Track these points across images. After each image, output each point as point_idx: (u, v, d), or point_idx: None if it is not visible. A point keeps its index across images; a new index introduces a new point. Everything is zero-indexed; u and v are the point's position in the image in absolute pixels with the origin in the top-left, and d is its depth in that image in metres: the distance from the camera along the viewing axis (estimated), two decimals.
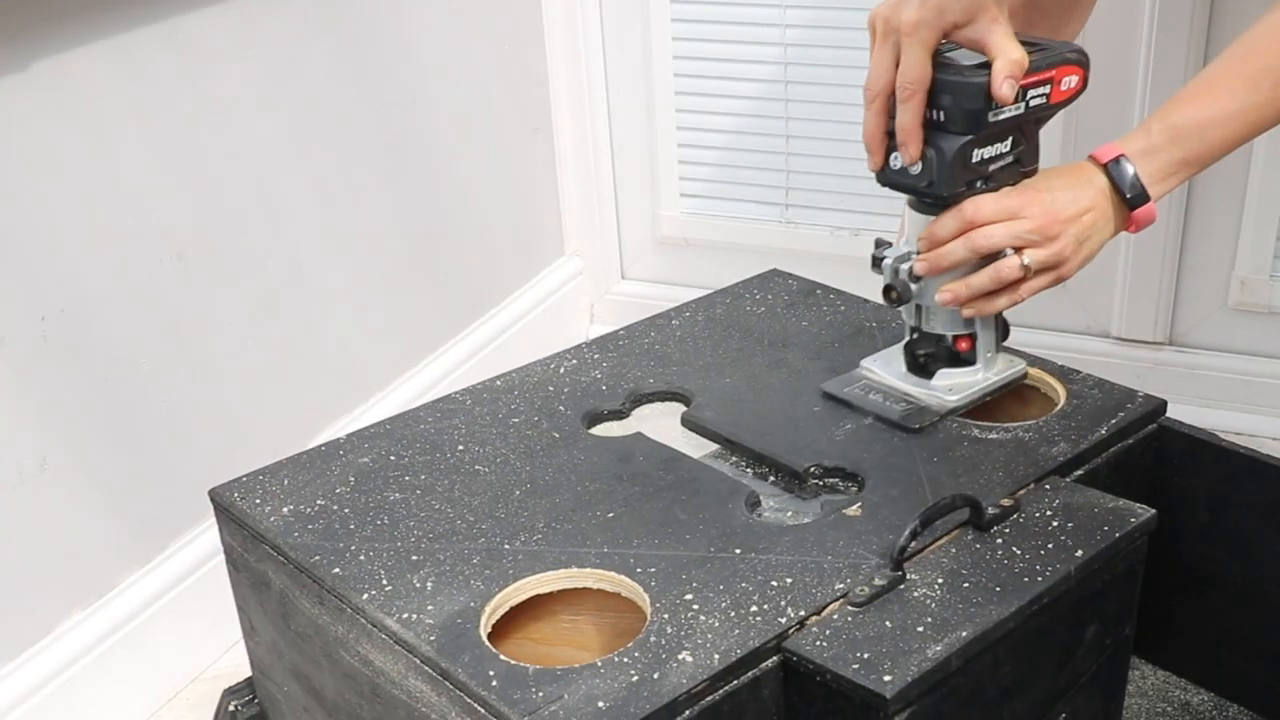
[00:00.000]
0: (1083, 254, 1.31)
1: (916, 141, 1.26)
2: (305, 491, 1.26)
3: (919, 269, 1.31)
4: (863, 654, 1.01)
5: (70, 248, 1.54)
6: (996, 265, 1.28)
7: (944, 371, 1.37)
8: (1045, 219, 1.27)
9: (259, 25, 1.77)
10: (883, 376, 1.40)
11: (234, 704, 1.37)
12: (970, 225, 1.27)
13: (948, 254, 1.29)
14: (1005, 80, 1.23)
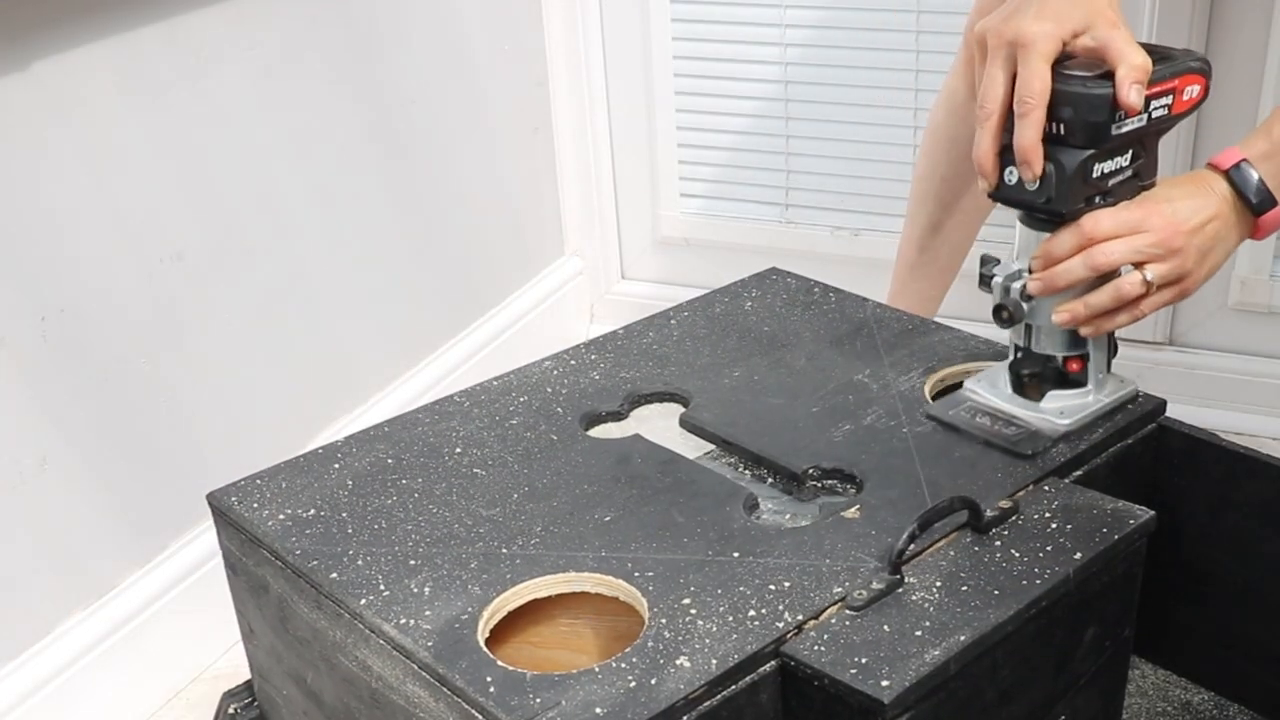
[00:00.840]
0: (1207, 266, 1.27)
1: (1038, 158, 1.20)
2: (303, 495, 1.26)
3: (1033, 288, 1.26)
4: (861, 659, 1.01)
5: (70, 248, 1.54)
6: (1117, 283, 1.24)
7: (1054, 393, 1.32)
8: (1167, 231, 1.23)
9: (259, 25, 1.77)
10: (988, 399, 1.35)
11: (233, 707, 1.37)
12: (1089, 241, 1.23)
13: (1065, 272, 1.24)
14: (1132, 87, 1.17)
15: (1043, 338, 1.31)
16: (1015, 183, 1.23)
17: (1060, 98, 1.19)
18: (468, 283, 2.29)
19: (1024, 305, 1.28)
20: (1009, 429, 1.30)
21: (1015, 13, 1.21)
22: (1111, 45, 1.19)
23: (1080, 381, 1.32)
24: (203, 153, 1.71)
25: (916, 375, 1.41)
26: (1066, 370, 1.32)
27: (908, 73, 2.22)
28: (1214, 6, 1.95)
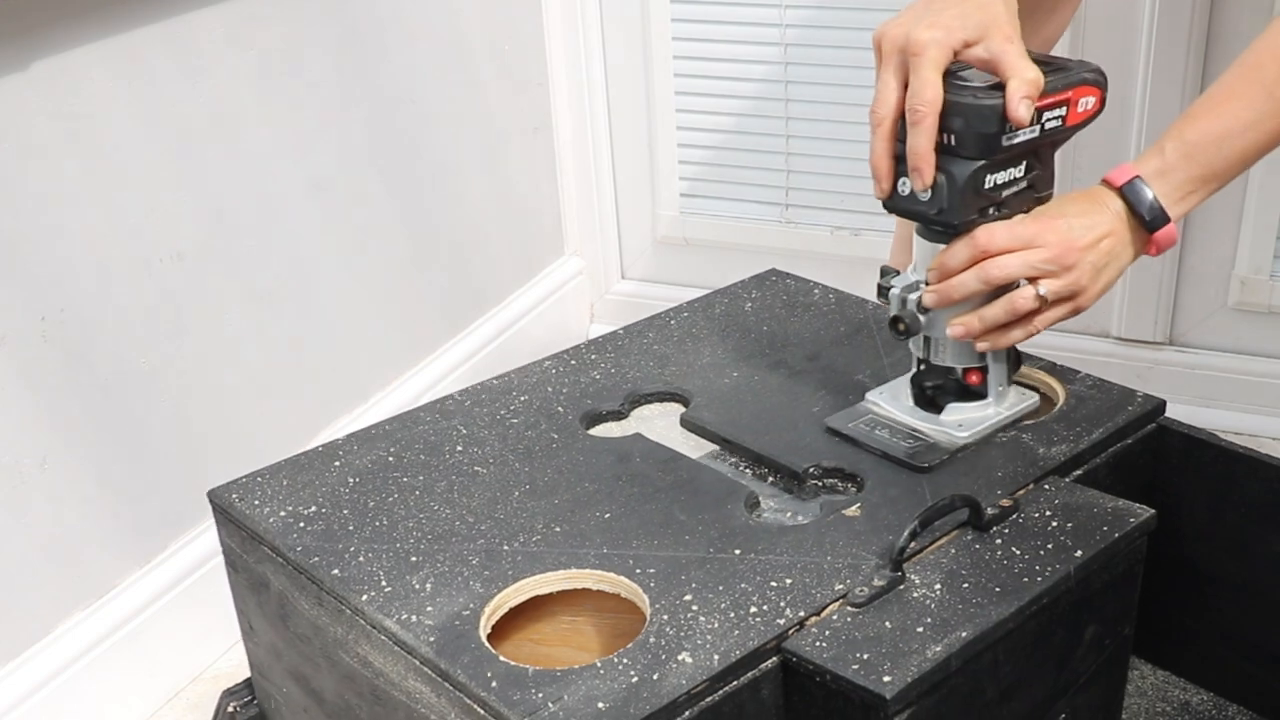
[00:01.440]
0: (1101, 282, 1.26)
1: (929, 166, 1.19)
2: (304, 493, 1.26)
3: (928, 301, 1.26)
4: (862, 655, 1.01)
5: (70, 248, 1.54)
6: (1011, 297, 1.23)
7: (953, 406, 1.31)
8: (1061, 247, 1.22)
9: (259, 25, 1.77)
10: (889, 410, 1.34)
11: (233, 705, 1.37)
12: (983, 255, 1.22)
13: (959, 285, 1.23)
14: (1021, 101, 1.17)
15: (942, 350, 1.30)
16: (909, 193, 1.22)
17: (951, 108, 1.18)
18: (468, 282, 2.29)
19: (920, 317, 1.27)
20: (906, 442, 1.29)
21: (910, 19, 1.21)
22: (1004, 58, 1.18)
23: (980, 394, 1.32)
24: (202, 153, 1.71)
25: None
26: (966, 383, 1.31)
27: None
28: (1214, 6, 1.95)
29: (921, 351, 1.32)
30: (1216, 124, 1.26)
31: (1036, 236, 1.22)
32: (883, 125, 1.21)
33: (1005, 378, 1.33)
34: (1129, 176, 1.26)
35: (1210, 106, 1.28)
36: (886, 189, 1.24)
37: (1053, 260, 1.22)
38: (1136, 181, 1.25)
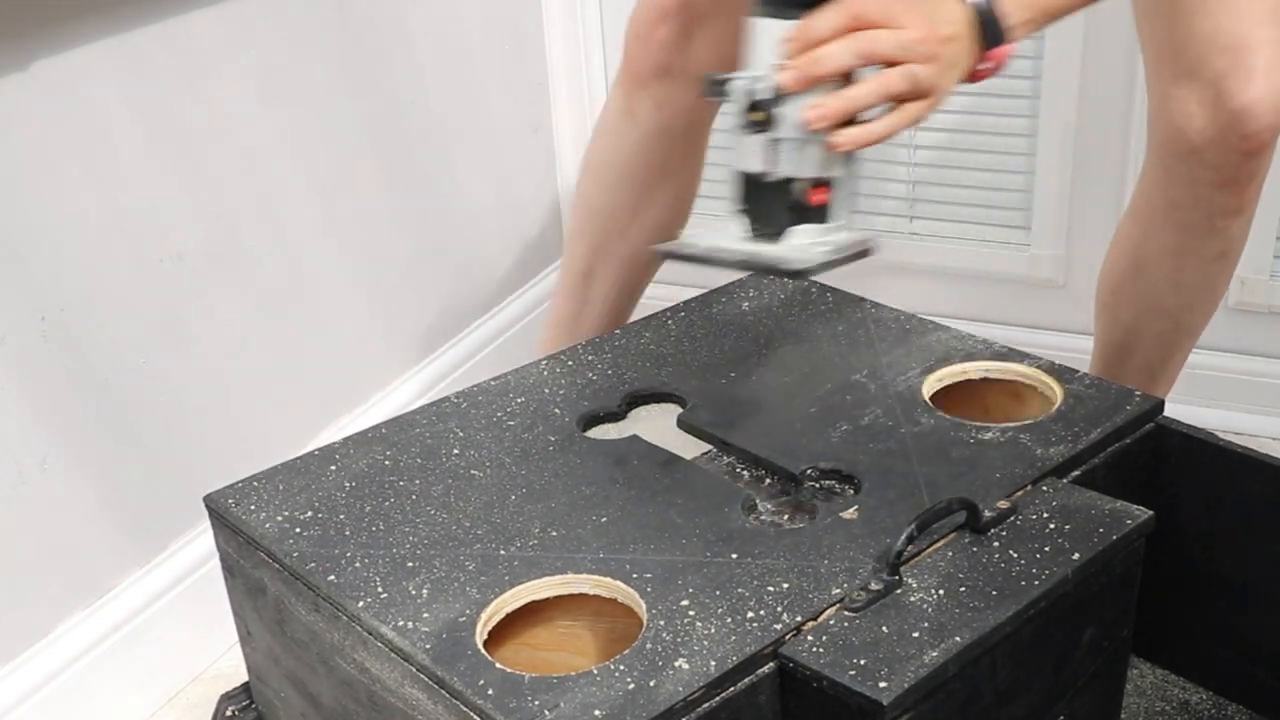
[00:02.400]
0: (947, 84, 1.15)
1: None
2: (300, 497, 1.26)
3: (788, 79, 1.09)
4: (859, 660, 1.01)
5: (70, 248, 1.54)
6: (882, 76, 1.10)
7: (800, 229, 1.15)
8: (928, 32, 1.10)
9: (259, 25, 1.77)
10: (718, 242, 1.19)
11: (231, 709, 1.37)
12: (855, 22, 1.08)
13: (829, 57, 1.08)
14: None
15: (787, 154, 1.13)
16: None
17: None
18: (467, 283, 2.29)
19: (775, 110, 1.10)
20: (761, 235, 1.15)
21: None
22: None
23: (823, 216, 1.16)
24: (203, 153, 1.71)
25: (914, 375, 1.41)
26: (807, 203, 1.15)
27: None
28: None
29: (758, 162, 1.14)
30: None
31: (904, 15, 1.10)
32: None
33: (850, 200, 1.17)
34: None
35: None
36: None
37: (923, 43, 1.10)
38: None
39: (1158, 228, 1.57)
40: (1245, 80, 1.42)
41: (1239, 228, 1.55)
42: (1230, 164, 1.46)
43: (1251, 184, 1.50)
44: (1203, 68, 1.44)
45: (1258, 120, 1.42)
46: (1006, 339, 1.52)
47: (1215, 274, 1.59)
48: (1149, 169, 1.56)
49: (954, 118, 2.20)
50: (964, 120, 2.20)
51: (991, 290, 2.28)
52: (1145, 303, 1.60)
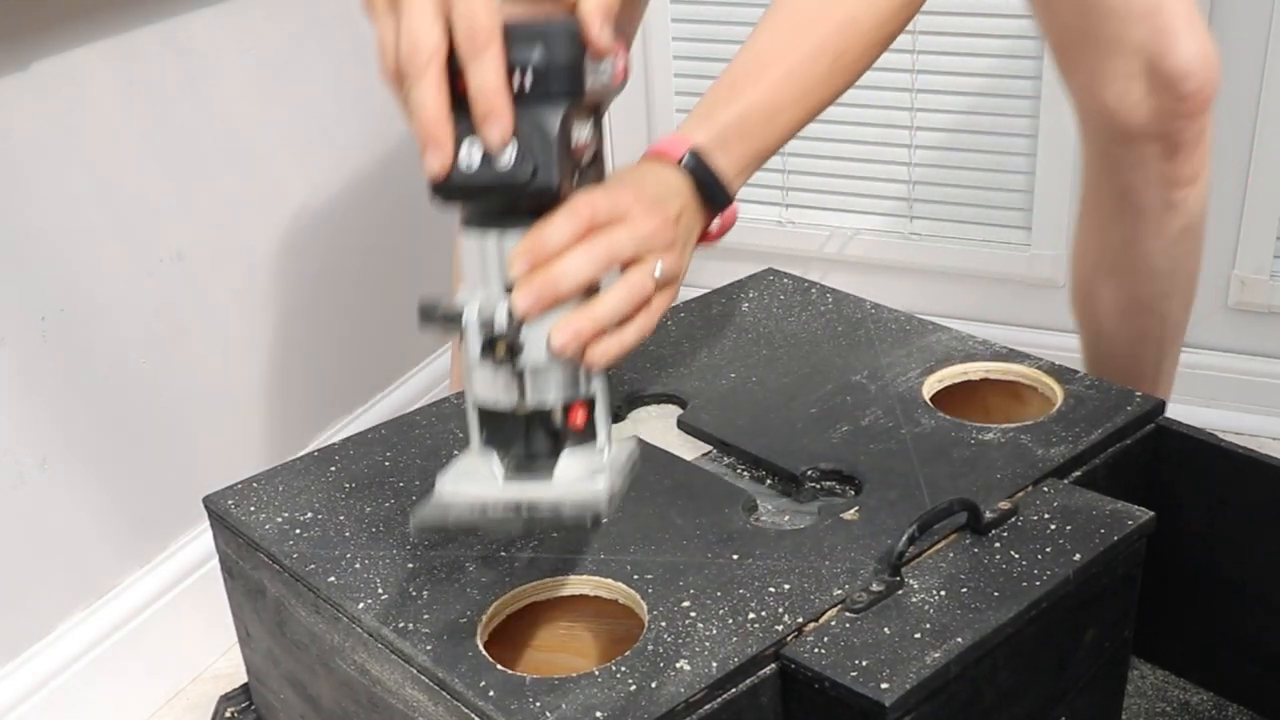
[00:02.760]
0: (686, 264, 1.06)
1: (507, 109, 0.88)
2: (300, 499, 1.26)
3: (524, 303, 0.92)
4: (861, 661, 1.01)
5: (70, 248, 1.54)
6: (626, 281, 0.97)
7: (565, 462, 0.99)
8: (660, 219, 1.00)
9: (259, 25, 1.77)
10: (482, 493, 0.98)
11: (230, 710, 1.37)
12: (589, 226, 0.94)
13: (570, 271, 0.93)
14: (604, 23, 0.91)
15: (537, 384, 0.96)
16: (479, 162, 0.90)
17: (519, 37, 0.89)
18: None
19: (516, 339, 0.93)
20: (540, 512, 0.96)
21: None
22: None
23: (588, 435, 1.00)
24: (203, 153, 1.71)
25: (915, 376, 1.41)
26: (569, 425, 0.98)
27: (904, 73, 2.22)
28: (1214, 7, 1.95)
29: (507, 396, 0.97)
30: (766, 95, 1.14)
31: (634, 205, 0.98)
32: (430, 69, 0.88)
33: (609, 407, 1.02)
34: (685, 147, 1.11)
35: (757, 73, 1.15)
36: (448, 158, 0.90)
37: (657, 233, 0.99)
38: (694, 154, 1.11)
39: (1113, 220, 1.55)
40: (1171, 41, 1.40)
41: (1195, 198, 1.53)
42: (1176, 130, 1.45)
43: (1199, 146, 1.48)
44: (1124, 41, 1.42)
45: (1195, 77, 1.41)
46: (1006, 339, 1.51)
47: (1184, 254, 1.57)
48: (1090, 165, 1.55)
49: (954, 118, 2.21)
50: (964, 120, 2.20)
51: (991, 290, 2.28)
52: (1121, 301, 1.59)
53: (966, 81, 2.18)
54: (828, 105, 1.19)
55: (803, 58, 1.15)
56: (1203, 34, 1.43)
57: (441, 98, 0.88)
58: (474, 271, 0.96)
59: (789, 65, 1.15)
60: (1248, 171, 2.00)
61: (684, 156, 1.10)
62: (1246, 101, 1.98)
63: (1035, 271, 2.22)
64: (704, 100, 1.16)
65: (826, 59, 1.16)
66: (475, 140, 0.89)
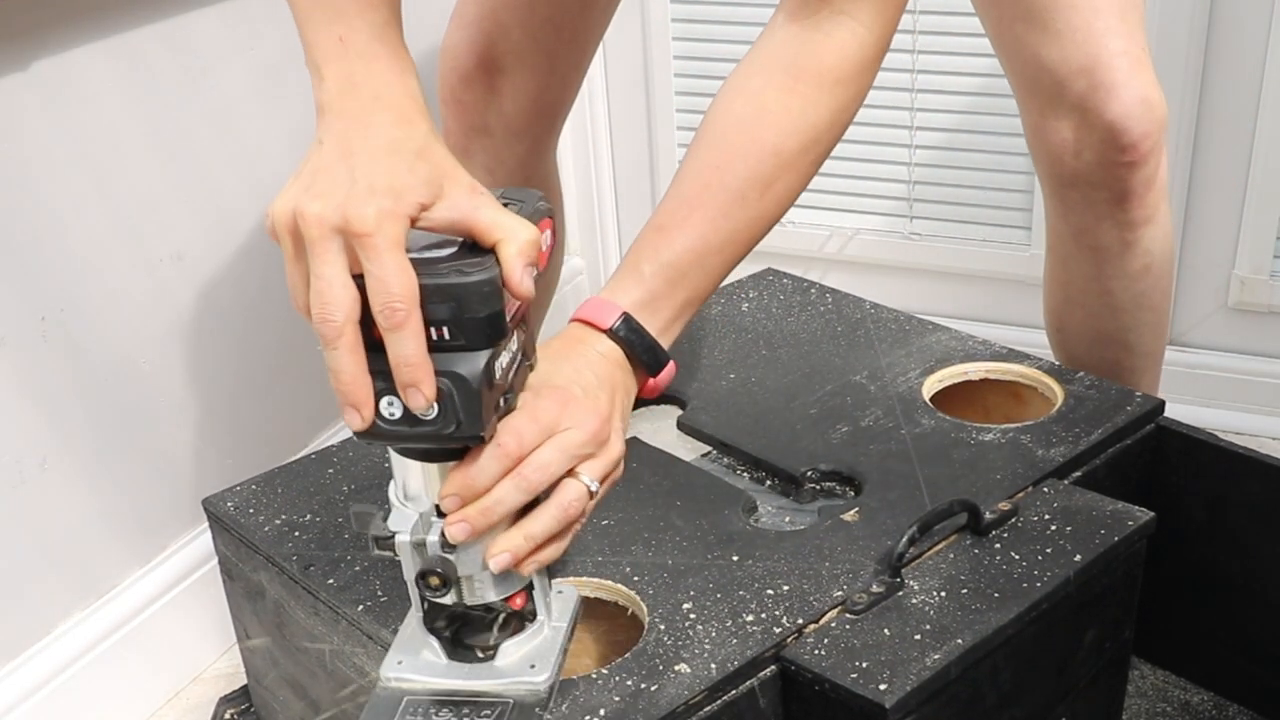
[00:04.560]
0: (622, 445, 1.05)
1: (429, 376, 0.89)
2: (299, 501, 1.26)
3: (458, 533, 0.94)
4: (861, 663, 1.01)
5: (70, 248, 1.54)
6: (559, 500, 0.98)
7: (505, 646, 1.01)
8: (593, 422, 0.99)
9: (259, 25, 1.77)
10: (425, 680, 1.00)
11: (230, 712, 1.37)
12: (517, 459, 0.95)
13: (500, 504, 0.94)
14: (525, 271, 0.91)
15: (476, 588, 0.99)
16: (401, 415, 0.91)
17: (435, 294, 0.89)
18: None
19: (450, 559, 0.95)
20: (483, 714, 0.98)
21: (331, 187, 0.90)
22: (480, 217, 0.92)
23: (531, 614, 1.02)
24: (203, 153, 1.71)
25: (914, 376, 1.41)
26: (510, 609, 1.01)
27: (904, 73, 2.22)
28: (1214, 6, 1.95)
29: (450, 596, 0.98)
30: (694, 239, 1.12)
31: (562, 417, 0.99)
32: (345, 335, 0.89)
33: (548, 581, 1.04)
34: (615, 314, 1.08)
35: (681, 218, 1.13)
36: (370, 416, 0.91)
37: (590, 440, 0.99)
38: (624, 320, 1.08)
39: (1073, 257, 1.54)
40: (1107, 97, 1.39)
41: (1152, 238, 1.50)
42: (1119, 179, 1.43)
43: (1150, 192, 1.46)
44: (1063, 94, 1.41)
45: (1130, 133, 1.40)
46: (1006, 339, 1.51)
47: (1146, 290, 1.55)
48: (1046, 200, 1.53)
49: (954, 118, 2.20)
50: (964, 120, 2.20)
51: (991, 290, 2.28)
52: (1089, 334, 1.57)
53: (966, 81, 2.18)
54: (762, 237, 1.16)
55: (730, 195, 1.12)
56: (1146, 80, 1.41)
57: (357, 362, 0.89)
58: (405, 486, 0.97)
59: (717, 205, 1.12)
60: (1248, 171, 2.00)
61: (613, 325, 1.08)
62: (1246, 101, 1.98)
63: (1035, 271, 2.20)
64: (631, 251, 1.13)
65: (755, 192, 1.12)
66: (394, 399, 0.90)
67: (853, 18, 1.14)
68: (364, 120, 0.95)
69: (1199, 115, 2.01)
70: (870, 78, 1.17)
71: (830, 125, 1.15)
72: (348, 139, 0.94)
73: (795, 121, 1.14)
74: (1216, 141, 2.02)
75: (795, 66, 1.15)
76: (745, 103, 1.16)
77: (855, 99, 1.16)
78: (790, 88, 1.14)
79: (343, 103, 0.97)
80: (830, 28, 1.14)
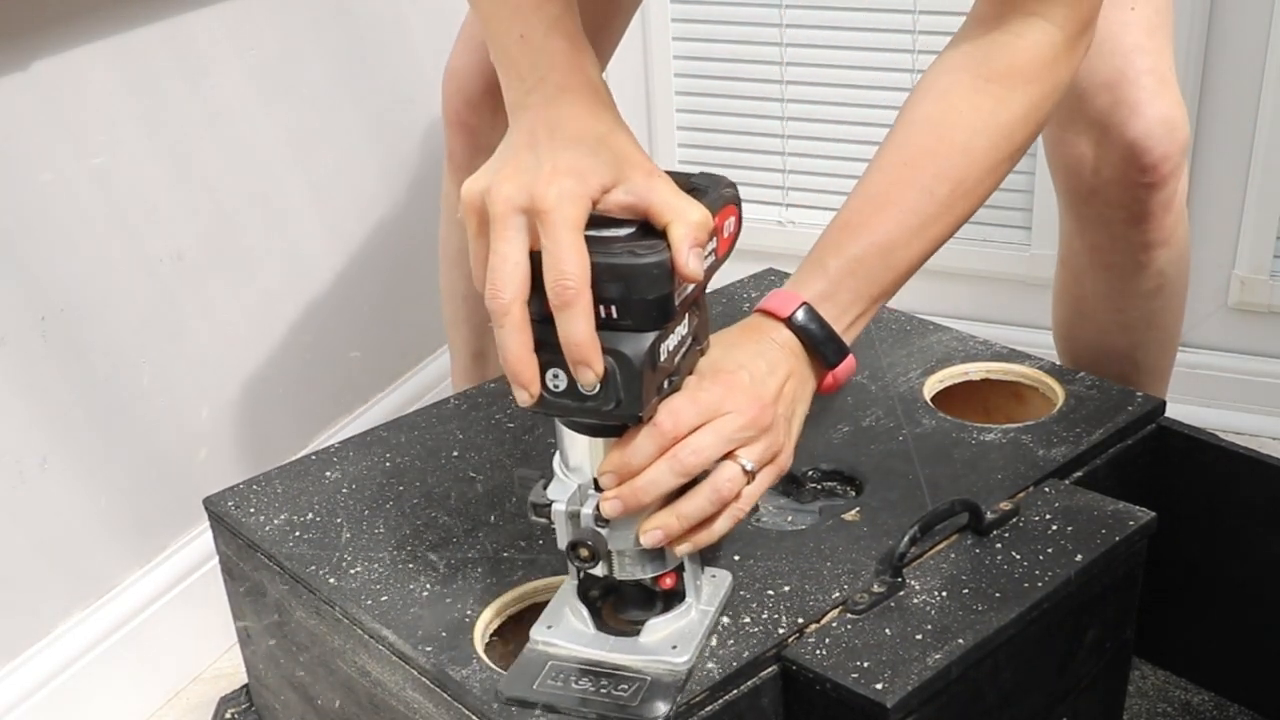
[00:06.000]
0: (795, 432, 1.07)
1: (597, 355, 0.91)
2: (300, 500, 1.26)
3: (611, 510, 0.97)
4: (862, 663, 1.01)
5: (70, 248, 1.54)
6: (713, 483, 0.99)
7: (652, 623, 1.03)
8: (753, 408, 1.00)
9: (259, 25, 1.77)
10: (571, 648, 1.03)
11: (230, 712, 1.37)
12: (673, 441, 0.97)
13: (652, 485, 0.97)
14: (691, 252, 0.92)
15: (626, 563, 1.01)
16: (565, 388, 0.94)
17: (605, 273, 0.91)
18: None
19: (602, 533, 0.98)
20: (620, 688, 1.00)
21: (520, 169, 0.94)
22: (655, 199, 0.94)
23: (679, 595, 1.04)
24: (203, 153, 1.71)
25: (915, 376, 1.41)
26: (660, 588, 1.03)
27: (905, 73, 2.22)
28: (1214, 6, 1.95)
29: (600, 569, 1.02)
30: (880, 234, 1.11)
31: (723, 401, 1.00)
32: (512, 313, 0.91)
33: (700, 564, 1.07)
34: (795, 304, 1.09)
35: (869, 214, 1.13)
36: (536, 393, 0.94)
37: (749, 425, 1.00)
38: (805, 310, 1.09)
39: (1087, 273, 1.53)
40: (1130, 115, 1.38)
41: (1167, 260, 1.49)
42: (1136, 200, 1.42)
43: (1168, 214, 1.45)
44: (1085, 108, 1.39)
45: (1151, 153, 1.38)
46: (1007, 339, 1.51)
47: (1158, 310, 1.54)
48: (1062, 216, 1.52)
49: None
50: None
51: (992, 290, 2.28)
52: (1097, 348, 1.56)
53: None
54: (950, 235, 1.15)
55: (919, 191, 1.12)
56: (1170, 100, 1.39)
57: (523, 340, 0.92)
58: (568, 456, 1.01)
59: (904, 200, 1.12)
60: (1248, 171, 2.00)
61: (793, 314, 1.08)
62: (1247, 101, 1.98)
63: (1035, 271, 2.21)
64: (816, 246, 1.13)
65: (944, 189, 1.12)
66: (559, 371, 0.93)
67: (1044, 18, 1.13)
68: (550, 110, 0.99)
69: (1199, 115, 2.01)
70: (1066, 72, 1.16)
71: (1023, 123, 1.14)
72: (535, 129, 0.98)
73: (985, 120, 1.13)
74: (1216, 142, 2.02)
75: (985, 67, 1.14)
76: (934, 102, 1.16)
77: (1049, 96, 1.15)
78: (980, 88, 1.14)
79: (528, 98, 1.00)
80: (1021, 29, 1.14)
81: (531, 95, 1.00)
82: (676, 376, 0.98)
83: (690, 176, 1.00)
